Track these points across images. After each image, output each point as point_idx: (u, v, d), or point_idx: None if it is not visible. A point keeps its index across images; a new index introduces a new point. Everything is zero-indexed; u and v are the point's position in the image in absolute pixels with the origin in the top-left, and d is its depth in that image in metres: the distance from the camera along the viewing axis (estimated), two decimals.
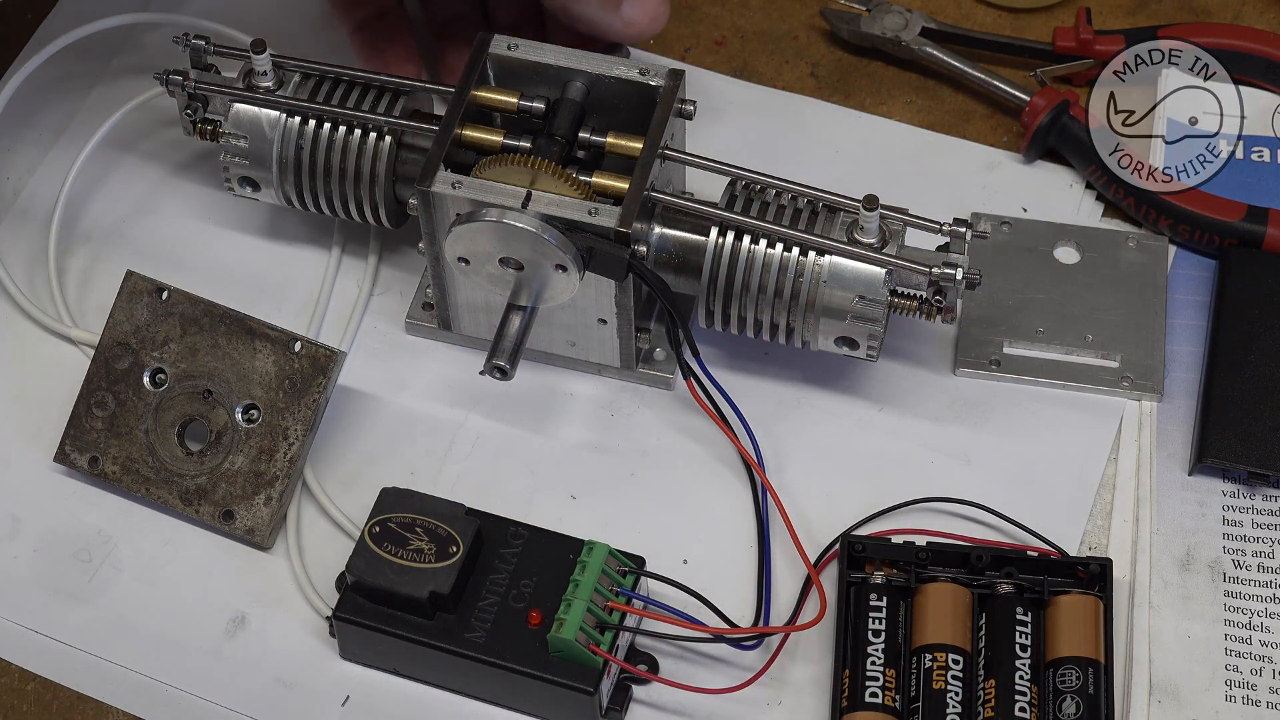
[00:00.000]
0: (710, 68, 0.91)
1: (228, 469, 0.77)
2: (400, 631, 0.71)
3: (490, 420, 0.80)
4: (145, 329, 0.78)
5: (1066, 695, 0.70)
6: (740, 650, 0.73)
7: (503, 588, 0.72)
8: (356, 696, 0.73)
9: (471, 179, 0.74)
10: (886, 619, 0.72)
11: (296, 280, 0.84)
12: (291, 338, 0.77)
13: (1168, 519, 0.76)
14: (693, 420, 0.79)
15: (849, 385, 0.81)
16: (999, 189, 0.86)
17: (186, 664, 0.74)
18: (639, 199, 0.73)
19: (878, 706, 0.70)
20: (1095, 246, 0.84)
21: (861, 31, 0.90)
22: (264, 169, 0.80)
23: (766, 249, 0.75)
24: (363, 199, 0.80)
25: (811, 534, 0.75)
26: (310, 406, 0.77)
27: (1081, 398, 0.80)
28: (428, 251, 0.77)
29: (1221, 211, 0.82)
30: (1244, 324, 0.79)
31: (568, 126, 0.76)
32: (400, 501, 0.72)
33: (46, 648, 0.75)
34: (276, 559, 0.77)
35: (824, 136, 0.88)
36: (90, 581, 0.76)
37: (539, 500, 0.78)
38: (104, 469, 0.78)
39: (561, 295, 0.75)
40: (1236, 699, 0.72)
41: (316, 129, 0.79)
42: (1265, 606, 0.74)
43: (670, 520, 0.77)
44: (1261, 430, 0.77)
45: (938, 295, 0.75)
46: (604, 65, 0.77)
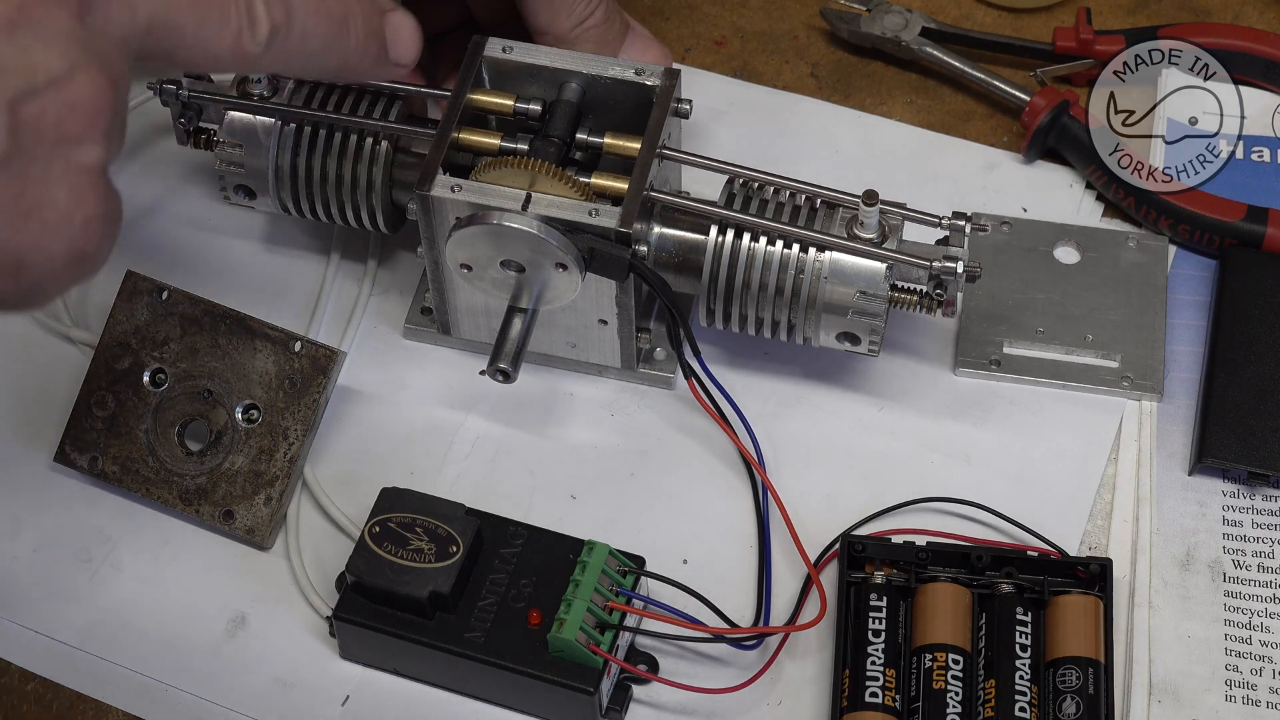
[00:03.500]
0: (710, 68, 0.91)
1: (228, 469, 0.77)
2: (400, 631, 0.71)
3: (490, 420, 0.80)
4: (145, 329, 0.78)
5: (1066, 695, 0.70)
6: (740, 650, 0.73)
7: (503, 587, 0.72)
8: (356, 696, 0.73)
9: (470, 182, 0.74)
10: (886, 619, 0.72)
11: (295, 284, 0.84)
12: (291, 337, 0.77)
13: (1168, 519, 0.76)
14: (693, 420, 0.79)
15: (849, 385, 0.81)
16: (999, 189, 0.86)
17: (186, 664, 0.74)
18: (639, 199, 0.73)
19: (878, 706, 0.70)
20: (1095, 246, 0.84)
21: (861, 31, 0.90)
22: (260, 177, 0.79)
23: (767, 246, 0.75)
24: (360, 205, 0.79)
25: (811, 534, 0.75)
26: (310, 406, 0.77)
27: (1081, 397, 0.80)
28: (427, 256, 0.77)
29: (1221, 211, 0.82)
30: (1244, 324, 0.79)
31: (565, 128, 0.76)
32: (400, 501, 0.72)
33: (46, 648, 0.75)
34: (276, 559, 0.77)
35: (824, 136, 0.88)
36: (90, 581, 0.77)
37: (539, 500, 0.78)
38: (104, 469, 0.78)
39: (563, 296, 0.75)
40: (1236, 699, 0.72)
41: (312, 135, 0.79)
42: (1265, 606, 0.74)
43: (670, 520, 0.77)
44: (1261, 430, 0.77)
45: (938, 289, 0.75)
46: (599, 66, 0.77)
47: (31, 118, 0.55)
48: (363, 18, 0.68)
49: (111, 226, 0.59)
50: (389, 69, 0.71)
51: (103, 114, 0.57)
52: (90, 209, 0.57)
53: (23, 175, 0.55)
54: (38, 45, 0.55)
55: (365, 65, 0.69)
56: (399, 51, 0.71)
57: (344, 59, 0.68)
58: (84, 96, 0.56)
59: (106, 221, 0.58)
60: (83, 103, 0.56)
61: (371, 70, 0.70)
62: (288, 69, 0.67)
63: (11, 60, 0.55)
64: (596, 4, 0.78)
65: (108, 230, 0.58)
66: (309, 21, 0.65)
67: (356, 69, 0.69)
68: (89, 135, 0.57)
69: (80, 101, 0.56)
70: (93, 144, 0.57)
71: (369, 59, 0.69)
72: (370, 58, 0.69)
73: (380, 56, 0.70)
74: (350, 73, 0.70)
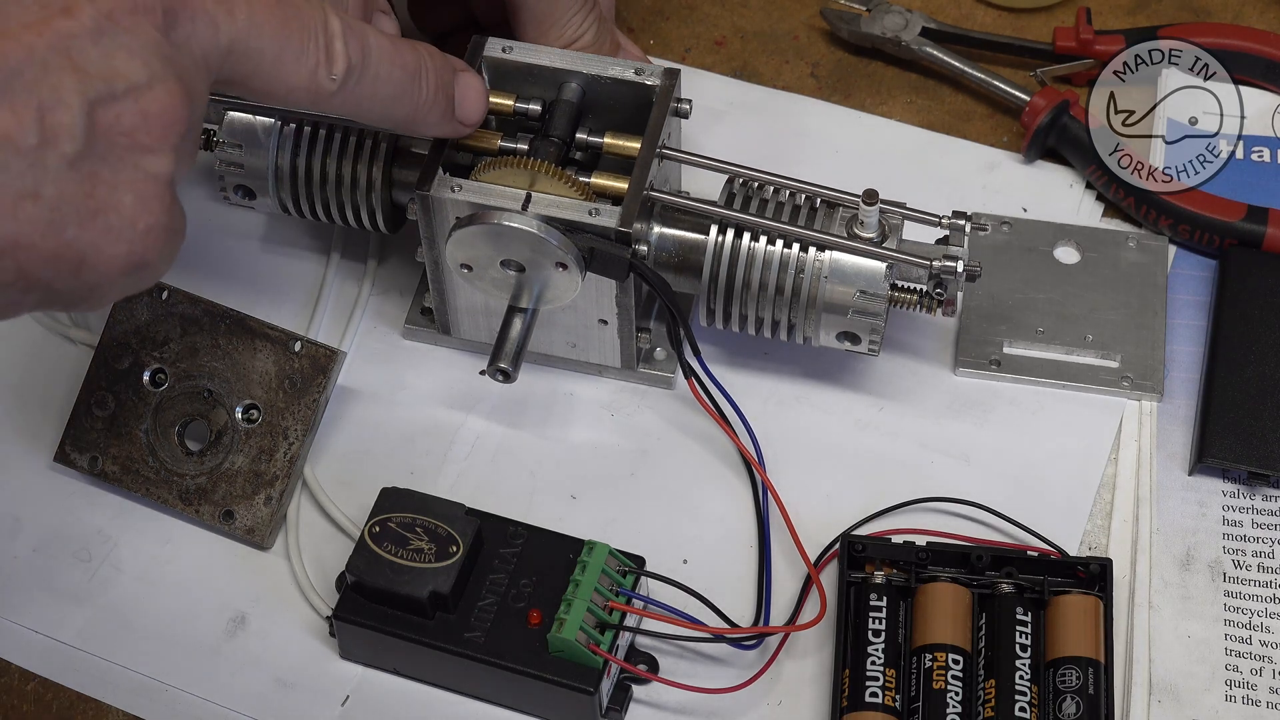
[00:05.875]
0: (710, 68, 0.91)
1: (228, 469, 0.77)
2: (400, 631, 0.71)
3: (490, 420, 0.80)
4: (145, 329, 0.78)
5: (1066, 695, 0.70)
6: (740, 650, 0.73)
7: (503, 587, 0.72)
8: (356, 696, 0.73)
9: (470, 182, 0.74)
10: (886, 619, 0.72)
11: (295, 284, 0.84)
12: (291, 337, 0.77)
13: (1168, 519, 0.76)
14: (693, 420, 0.79)
15: (849, 385, 0.81)
16: (999, 189, 0.86)
17: (186, 664, 0.74)
18: (639, 198, 0.73)
19: (878, 706, 0.70)
20: (1095, 246, 0.84)
21: (861, 31, 0.90)
22: (259, 177, 0.79)
23: (767, 246, 0.75)
24: (360, 205, 0.79)
25: (811, 534, 0.75)
26: (310, 406, 0.77)
27: (1081, 397, 0.80)
28: (427, 256, 0.77)
29: (1221, 211, 0.82)
30: (1244, 324, 0.79)
31: (564, 128, 0.76)
32: (400, 501, 0.72)
33: (46, 648, 0.75)
34: (276, 559, 0.77)
35: (824, 137, 0.88)
36: (90, 581, 0.77)
37: (539, 500, 0.78)
38: (104, 469, 0.78)
39: (563, 296, 0.75)
40: (1236, 699, 0.72)
41: (312, 135, 0.79)
42: (1265, 606, 0.74)
43: (670, 520, 0.77)
44: (1261, 430, 0.77)
45: (938, 288, 0.75)
46: (599, 66, 0.77)
47: (107, 122, 0.57)
48: (435, 72, 0.70)
49: (173, 239, 0.60)
50: (454, 126, 0.73)
51: (176, 127, 0.58)
52: (154, 218, 0.59)
53: (93, 176, 0.57)
54: (121, 53, 0.57)
55: (432, 120, 0.71)
56: (466, 110, 0.73)
57: (413, 110, 0.70)
58: (160, 107, 0.58)
59: (169, 233, 0.60)
60: (158, 113, 0.58)
61: (438, 125, 0.72)
62: (358, 112, 0.69)
63: (95, 64, 0.57)
64: (587, 25, 0.79)
65: (169, 242, 0.60)
66: (384, 67, 0.67)
67: (424, 122, 0.71)
68: (160, 145, 0.58)
69: (156, 112, 0.58)
70: (163, 154, 0.58)
71: (436, 114, 0.71)
72: (438, 113, 0.71)
73: (447, 113, 0.72)
74: (417, 125, 0.71)
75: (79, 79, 0.56)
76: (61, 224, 0.56)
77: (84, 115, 0.56)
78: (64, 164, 0.56)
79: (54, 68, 0.56)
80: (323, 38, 0.64)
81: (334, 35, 0.65)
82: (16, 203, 0.55)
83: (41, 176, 0.56)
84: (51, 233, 0.56)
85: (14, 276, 0.57)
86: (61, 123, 0.56)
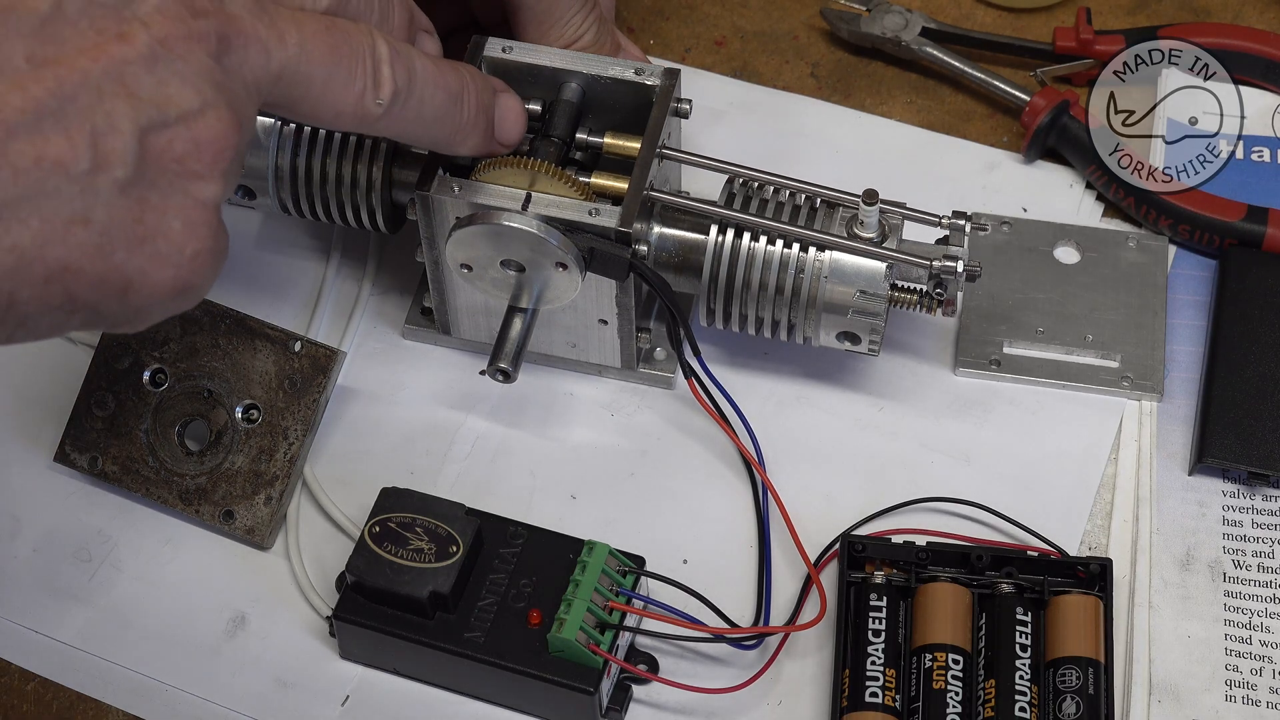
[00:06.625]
0: (710, 68, 0.91)
1: (228, 469, 0.77)
2: (400, 631, 0.71)
3: (490, 420, 0.80)
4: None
5: (1066, 695, 0.70)
6: (740, 650, 0.73)
7: (502, 587, 0.72)
8: (356, 696, 0.73)
9: (470, 182, 0.74)
10: (886, 619, 0.72)
11: (295, 284, 0.84)
12: (291, 337, 0.77)
13: (1168, 519, 0.76)
14: (693, 420, 0.79)
15: (849, 385, 0.81)
16: (999, 189, 0.86)
17: (186, 664, 0.74)
18: (639, 198, 0.73)
19: (878, 706, 0.70)
20: (1095, 246, 0.84)
21: (861, 31, 0.90)
22: (259, 177, 0.79)
23: (767, 246, 0.75)
24: (360, 205, 0.79)
25: (811, 534, 0.75)
26: (310, 406, 0.77)
27: (1081, 397, 0.80)
28: (427, 256, 0.77)
29: (1221, 211, 0.82)
30: (1244, 324, 0.79)
31: (565, 127, 0.76)
32: (400, 501, 0.72)
33: (46, 648, 0.75)
34: (276, 559, 0.77)
35: (824, 137, 0.88)
36: (90, 581, 0.77)
37: (539, 500, 0.78)
38: (104, 469, 0.78)
39: (563, 296, 0.75)
40: (1236, 699, 0.72)
41: (312, 135, 0.79)
42: (1265, 606, 0.74)
43: (670, 520, 0.77)
44: (1261, 430, 0.77)
45: (938, 288, 0.75)
46: (599, 66, 0.77)
47: (159, 148, 0.57)
48: (475, 94, 0.71)
49: (218, 262, 0.61)
50: (493, 146, 0.73)
51: (226, 154, 0.59)
52: (201, 243, 0.59)
53: (142, 201, 0.57)
54: (175, 79, 0.57)
55: (473, 140, 0.72)
56: (504, 130, 0.73)
57: (454, 131, 0.70)
58: (211, 135, 0.58)
59: (214, 256, 0.60)
60: (209, 141, 0.58)
61: (477, 145, 0.72)
62: (402, 133, 0.69)
63: (148, 90, 0.57)
64: (587, 25, 0.79)
65: (214, 265, 0.60)
66: (428, 90, 0.68)
67: (464, 142, 0.72)
68: (210, 172, 0.59)
69: (207, 140, 0.58)
70: (212, 181, 0.59)
71: (476, 134, 0.72)
72: (478, 133, 0.72)
73: (487, 134, 0.72)
74: (456, 146, 0.72)
75: (132, 105, 0.56)
76: (110, 249, 0.56)
77: (136, 141, 0.56)
78: (115, 189, 0.56)
79: (108, 94, 0.56)
80: (370, 63, 0.65)
81: (381, 60, 0.65)
82: (67, 227, 0.55)
83: (92, 201, 0.56)
84: (100, 257, 0.56)
85: (62, 300, 0.57)
86: (114, 148, 0.56)
